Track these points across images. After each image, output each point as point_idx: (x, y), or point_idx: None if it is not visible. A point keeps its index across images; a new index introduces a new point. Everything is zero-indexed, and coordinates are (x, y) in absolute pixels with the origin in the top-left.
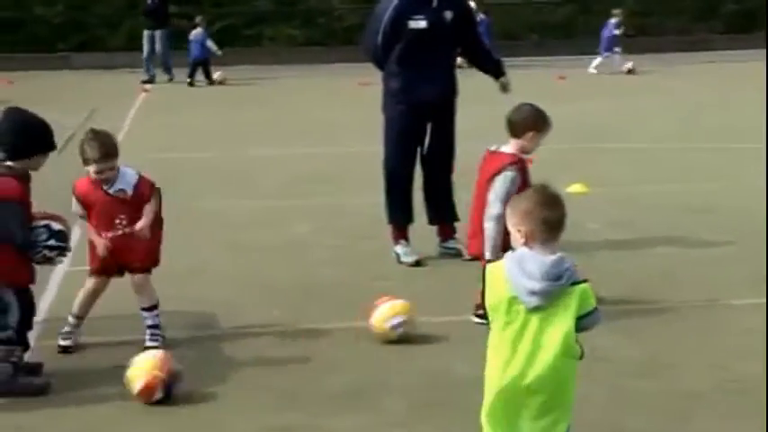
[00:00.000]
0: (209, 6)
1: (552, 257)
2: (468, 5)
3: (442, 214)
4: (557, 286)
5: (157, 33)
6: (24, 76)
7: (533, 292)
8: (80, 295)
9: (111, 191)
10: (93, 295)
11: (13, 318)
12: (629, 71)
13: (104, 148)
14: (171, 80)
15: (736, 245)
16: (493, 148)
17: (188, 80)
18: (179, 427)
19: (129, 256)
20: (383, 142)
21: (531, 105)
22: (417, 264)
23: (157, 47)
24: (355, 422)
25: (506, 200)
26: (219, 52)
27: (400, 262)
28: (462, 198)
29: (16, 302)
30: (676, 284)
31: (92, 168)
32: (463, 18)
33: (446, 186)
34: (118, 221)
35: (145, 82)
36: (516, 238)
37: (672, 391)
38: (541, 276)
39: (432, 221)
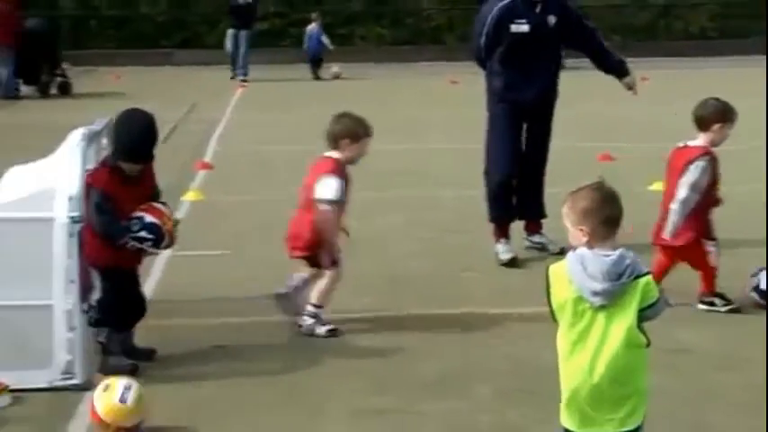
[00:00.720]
0: (304, 6)
1: (613, 257)
2: (572, 9)
3: (532, 211)
4: (618, 285)
5: (243, 33)
6: (130, 71)
7: (596, 293)
8: (325, 287)
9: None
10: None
11: (95, 298)
12: None
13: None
14: (245, 80)
15: None
16: (681, 145)
17: (312, 75)
18: (273, 410)
19: None
20: (485, 141)
21: (716, 99)
22: (513, 261)
23: (242, 47)
24: (445, 407)
25: (697, 188)
26: (332, 47)
27: (498, 259)
28: (547, 193)
29: (99, 283)
30: None
31: (364, 142)
32: (568, 22)
33: (538, 184)
34: None
35: (233, 78)
36: (577, 236)
37: (750, 385)
38: (603, 277)
39: (521, 217)
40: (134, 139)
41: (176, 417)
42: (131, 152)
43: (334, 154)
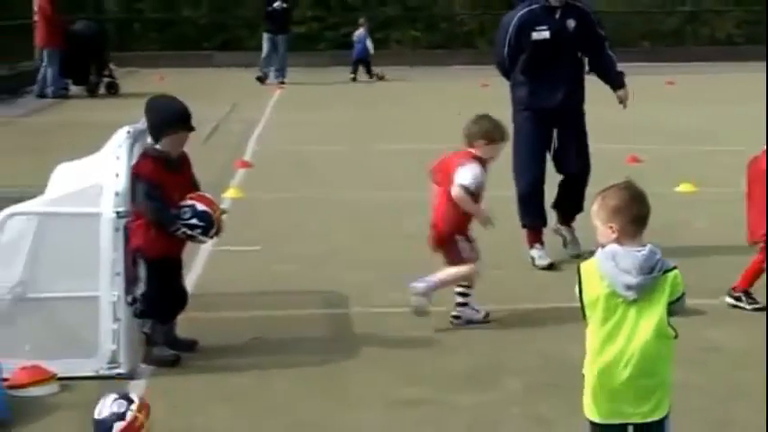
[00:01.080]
0: (340, 11)
1: (644, 252)
2: (591, 14)
3: (569, 208)
4: (650, 279)
5: (280, 38)
6: (173, 72)
7: (630, 287)
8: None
9: None
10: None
11: (139, 290)
12: None
13: None
14: (283, 82)
15: None
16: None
17: (351, 76)
18: (309, 399)
19: None
20: (512, 149)
21: None
22: (550, 267)
23: (280, 50)
24: (476, 399)
25: None
26: (372, 51)
27: (535, 265)
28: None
29: (146, 274)
30: None
31: (498, 146)
32: (585, 26)
33: (581, 190)
34: None
35: (258, 79)
36: (606, 234)
37: None
38: (637, 271)
39: (554, 206)
40: (175, 107)
41: (216, 405)
42: (178, 118)
43: (471, 150)
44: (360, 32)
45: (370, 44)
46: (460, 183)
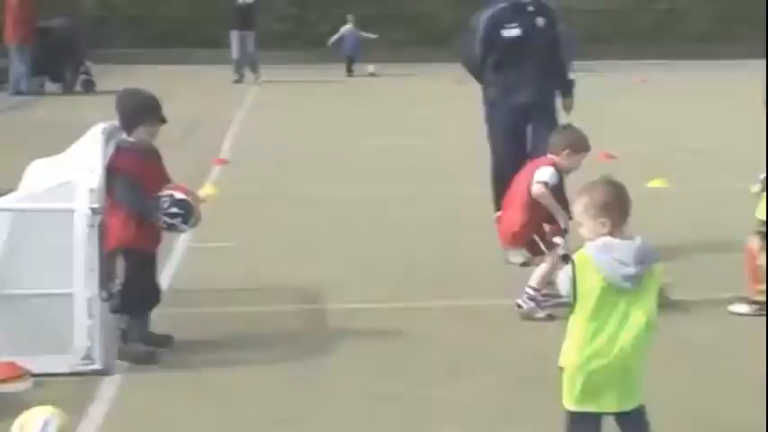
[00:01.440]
0: (318, 8)
1: (638, 242)
2: (557, 17)
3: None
4: (644, 269)
5: (249, 35)
6: (150, 69)
7: (628, 277)
8: (544, 271)
9: None
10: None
11: (116, 286)
12: None
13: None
14: (258, 78)
15: None
16: None
17: (347, 72)
18: (285, 394)
19: None
20: (490, 149)
21: None
22: (524, 265)
23: (250, 48)
24: (452, 393)
25: None
26: (375, 35)
27: (509, 262)
28: None
29: (124, 269)
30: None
31: (581, 155)
32: (551, 27)
33: None
34: None
35: (236, 82)
36: (595, 229)
37: (755, 376)
38: (634, 261)
39: None
40: (145, 98)
41: (192, 400)
42: (148, 109)
43: (552, 158)
44: (347, 28)
45: (366, 34)
46: (539, 180)
